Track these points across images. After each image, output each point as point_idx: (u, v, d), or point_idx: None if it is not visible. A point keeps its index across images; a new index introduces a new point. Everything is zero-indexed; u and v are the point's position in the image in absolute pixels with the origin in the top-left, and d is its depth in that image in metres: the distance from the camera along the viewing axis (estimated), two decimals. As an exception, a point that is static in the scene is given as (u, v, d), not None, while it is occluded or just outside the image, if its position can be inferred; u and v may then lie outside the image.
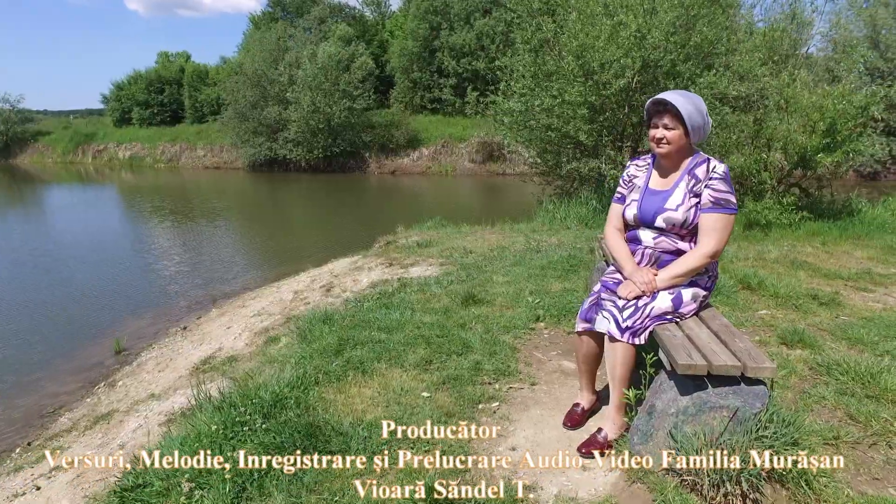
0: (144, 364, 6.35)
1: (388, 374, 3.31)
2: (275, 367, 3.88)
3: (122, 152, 38.35)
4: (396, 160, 29.61)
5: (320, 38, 32.45)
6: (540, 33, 9.61)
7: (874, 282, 5.11)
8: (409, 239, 8.48)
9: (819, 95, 7.76)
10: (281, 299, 7.35)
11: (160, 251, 12.40)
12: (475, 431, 2.64)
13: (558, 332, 3.99)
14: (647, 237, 2.59)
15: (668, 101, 2.41)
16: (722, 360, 2.04)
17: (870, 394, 2.75)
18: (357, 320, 4.33)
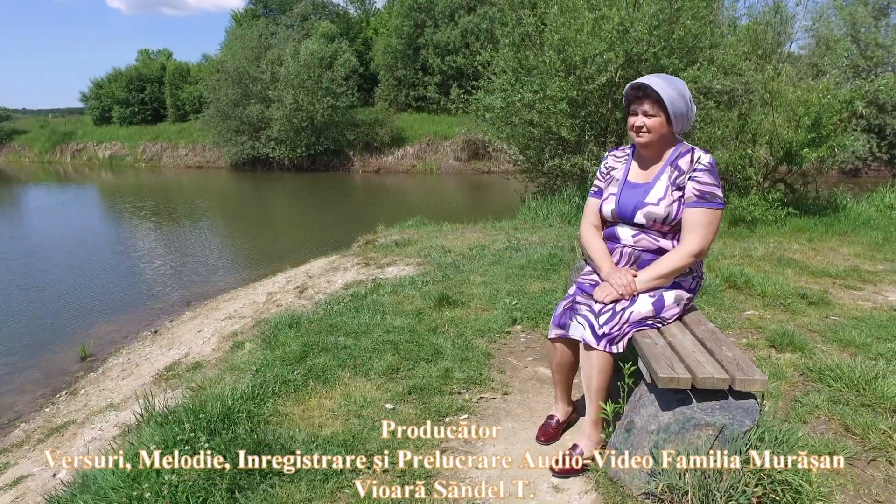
0: (110, 371, 6.06)
1: (351, 384, 3.08)
2: (234, 376, 3.64)
3: (101, 151, 37.66)
4: (381, 158, 29.31)
5: (303, 35, 32.06)
6: (521, 27, 9.40)
7: (862, 279, 4.96)
8: (389, 238, 8.24)
9: (804, 90, 7.63)
10: (254, 301, 7.09)
11: (139, 253, 12.05)
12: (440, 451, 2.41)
13: (535, 335, 3.78)
14: (625, 234, 2.37)
15: (647, 85, 2.19)
16: (707, 373, 1.83)
17: (865, 402, 2.56)
18: (324, 324, 4.09)
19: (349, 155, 29.49)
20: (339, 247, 9.20)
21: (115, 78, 39.89)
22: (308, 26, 34.07)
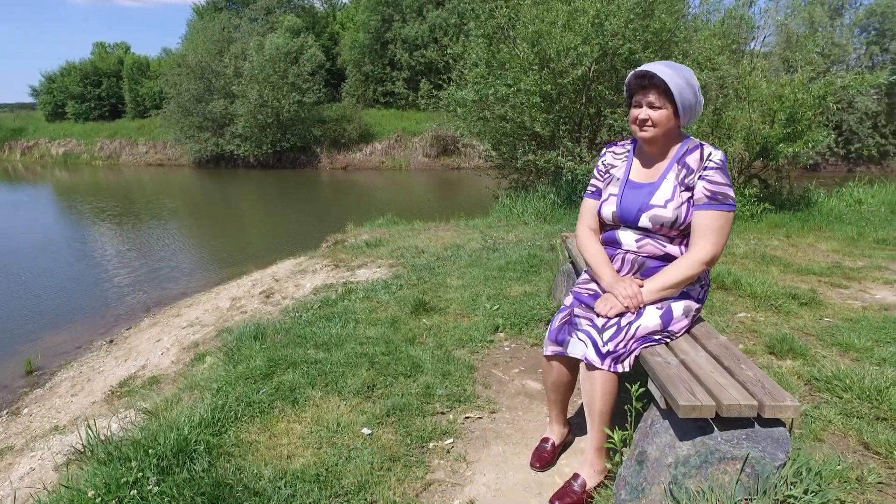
0: (58, 386, 5.61)
1: (322, 405, 2.79)
2: (193, 396, 3.31)
3: (55, 149, 36.08)
4: (349, 155, 28.79)
5: (267, 29, 31.27)
6: (493, 20, 9.16)
7: (847, 276, 4.87)
8: (359, 238, 7.92)
9: (778, 85, 7.58)
10: (217, 307, 6.71)
11: (95, 255, 11.41)
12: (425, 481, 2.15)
13: (520, 343, 3.54)
14: (628, 239, 2.13)
15: (653, 73, 1.95)
16: (733, 399, 1.61)
17: (880, 415, 2.39)
18: (292, 336, 3.78)
19: (316, 152, 28.88)
20: (306, 247, 8.84)
21: (69, 72, 38.21)
22: (273, 20, 33.24)
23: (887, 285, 4.66)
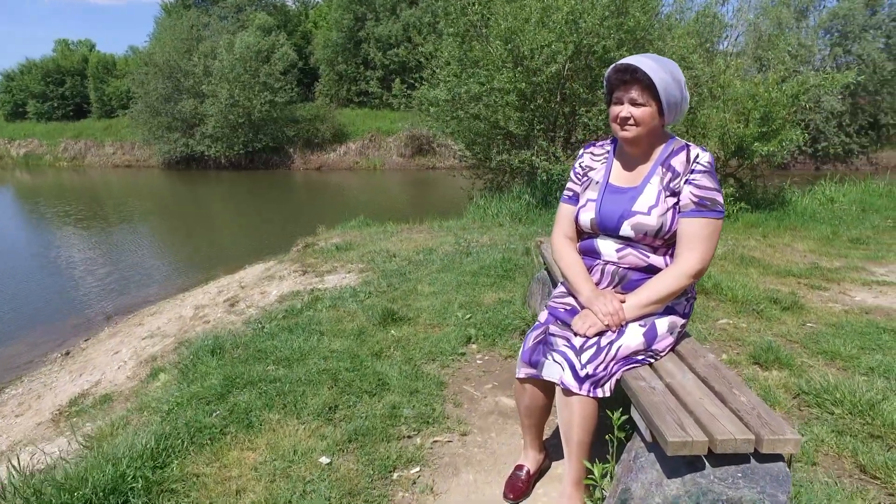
0: (3, 405, 5.25)
1: (279, 429, 2.56)
2: (142, 419, 3.05)
3: (14, 149, 34.87)
4: (322, 155, 28.35)
5: (238, 27, 30.63)
6: (465, 17, 8.97)
7: (825, 278, 4.79)
8: (329, 241, 7.66)
9: (752, 84, 7.54)
10: (181, 316, 6.40)
11: (55, 261, 10.90)
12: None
13: (493, 356, 3.35)
14: (608, 249, 1.95)
15: (636, 67, 1.77)
16: (728, 433, 1.43)
17: (874, 432, 2.25)
18: (252, 350, 3.54)
19: (289, 152, 28.37)
20: (277, 251, 8.56)
21: (29, 70, 36.93)
22: (243, 18, 32.57)
23: (865, 287, 4.59)
